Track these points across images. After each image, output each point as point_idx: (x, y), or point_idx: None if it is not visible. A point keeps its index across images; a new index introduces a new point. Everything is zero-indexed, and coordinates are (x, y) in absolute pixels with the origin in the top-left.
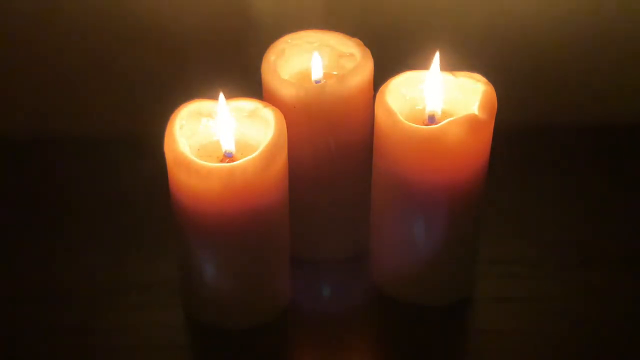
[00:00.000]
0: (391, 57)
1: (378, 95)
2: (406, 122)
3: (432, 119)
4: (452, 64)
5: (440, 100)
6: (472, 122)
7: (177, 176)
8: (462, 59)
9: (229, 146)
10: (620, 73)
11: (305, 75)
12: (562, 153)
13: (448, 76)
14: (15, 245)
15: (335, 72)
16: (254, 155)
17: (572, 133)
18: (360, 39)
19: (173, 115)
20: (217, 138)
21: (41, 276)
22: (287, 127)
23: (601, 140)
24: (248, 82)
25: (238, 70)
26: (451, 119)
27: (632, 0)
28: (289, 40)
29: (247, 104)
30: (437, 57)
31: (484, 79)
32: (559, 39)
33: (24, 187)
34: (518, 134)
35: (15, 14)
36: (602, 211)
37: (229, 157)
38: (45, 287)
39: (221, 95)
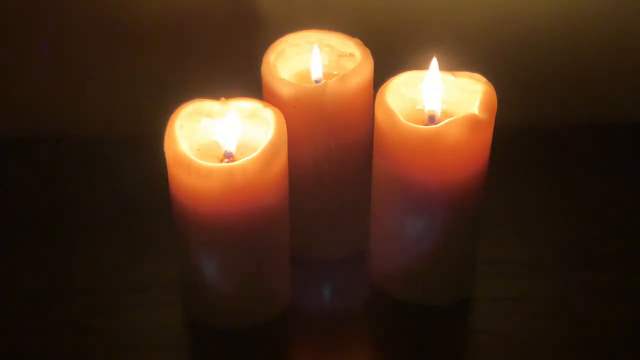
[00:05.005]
0: (391, 57)
1: (378, 95)
2: (406, 122)
3: (432, 119)
4: (452, 64)
5: (440, 100)
6: (472, 122)
7: (177, 176)
8: (462, 59)
9: (230, 146)
10: (619, 73)
11: (305, 75)
12: (561, 153)
13: (448, 76)
14: (15, 245)
15: (335, 72)
16: (254, 155)
17: (571, 133)
18: (360, 39)
19: (173, 115)
20: (218, 138)
21: (41, 276)
22: (287, 127)
23: (601, 140)
24: (248, 82)
25: (238, 70)
26: (451, 119)
27: (632, 0)
28: (289, 40)
29: (247, 104)
30: (436, 58)
31: (484, 79)
32: (559, 39)
33: (24, 187)
34: (518, 134)
35: (16, 14)
36: (601, 211)
37: (229, 157)
38: (45, 287)
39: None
